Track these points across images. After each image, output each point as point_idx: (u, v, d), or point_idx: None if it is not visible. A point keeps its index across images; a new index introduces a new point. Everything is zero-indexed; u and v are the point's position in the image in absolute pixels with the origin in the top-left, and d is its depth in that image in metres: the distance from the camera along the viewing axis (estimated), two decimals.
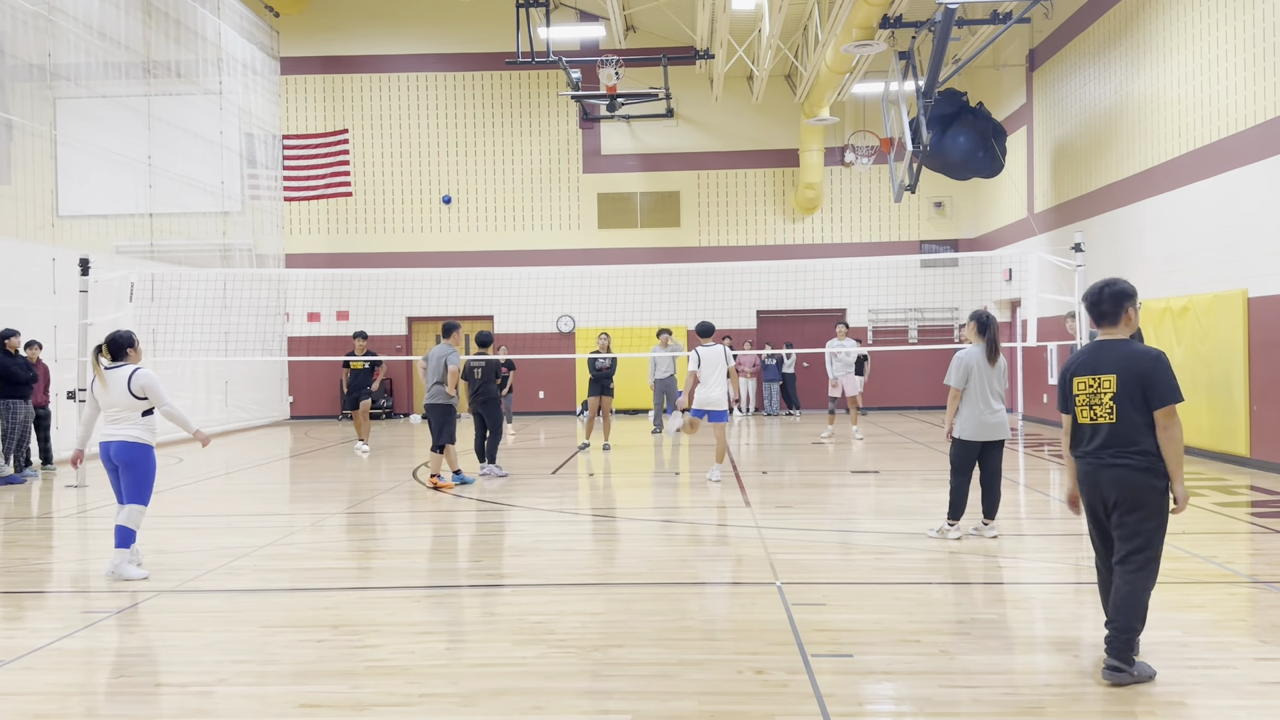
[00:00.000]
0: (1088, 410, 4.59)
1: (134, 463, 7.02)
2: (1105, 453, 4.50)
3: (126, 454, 7.00)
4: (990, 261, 21.21)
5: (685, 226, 22.81)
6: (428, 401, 11.45)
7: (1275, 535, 7.92)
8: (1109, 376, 4.52)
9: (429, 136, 22.96)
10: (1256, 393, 11.59)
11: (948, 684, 4.48)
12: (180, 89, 18.40)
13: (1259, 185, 11.47)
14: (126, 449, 6.99)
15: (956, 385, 7.56)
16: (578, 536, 8.29)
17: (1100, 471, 4.52)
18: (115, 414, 7.00)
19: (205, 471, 13.34)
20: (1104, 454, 4.51)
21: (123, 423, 7.00)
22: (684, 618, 5.61)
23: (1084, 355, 4.69)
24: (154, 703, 4.46)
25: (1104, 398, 4.52)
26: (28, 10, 14.26)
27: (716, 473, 11.17)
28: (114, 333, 7.21)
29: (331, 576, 6.87)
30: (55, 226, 15.23)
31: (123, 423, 7.00)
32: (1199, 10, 12.84)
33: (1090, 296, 4.71)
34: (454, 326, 11.64)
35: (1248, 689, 4.38)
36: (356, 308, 22.27)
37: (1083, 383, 4.61)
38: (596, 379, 15.14)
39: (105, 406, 7.04)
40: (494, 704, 4.34)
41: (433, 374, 11.39)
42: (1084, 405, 4.60)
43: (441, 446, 11.18)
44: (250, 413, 20.52)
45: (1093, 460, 4.56)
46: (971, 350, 7.64)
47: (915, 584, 6.39)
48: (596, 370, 15.11)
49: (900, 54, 16.89)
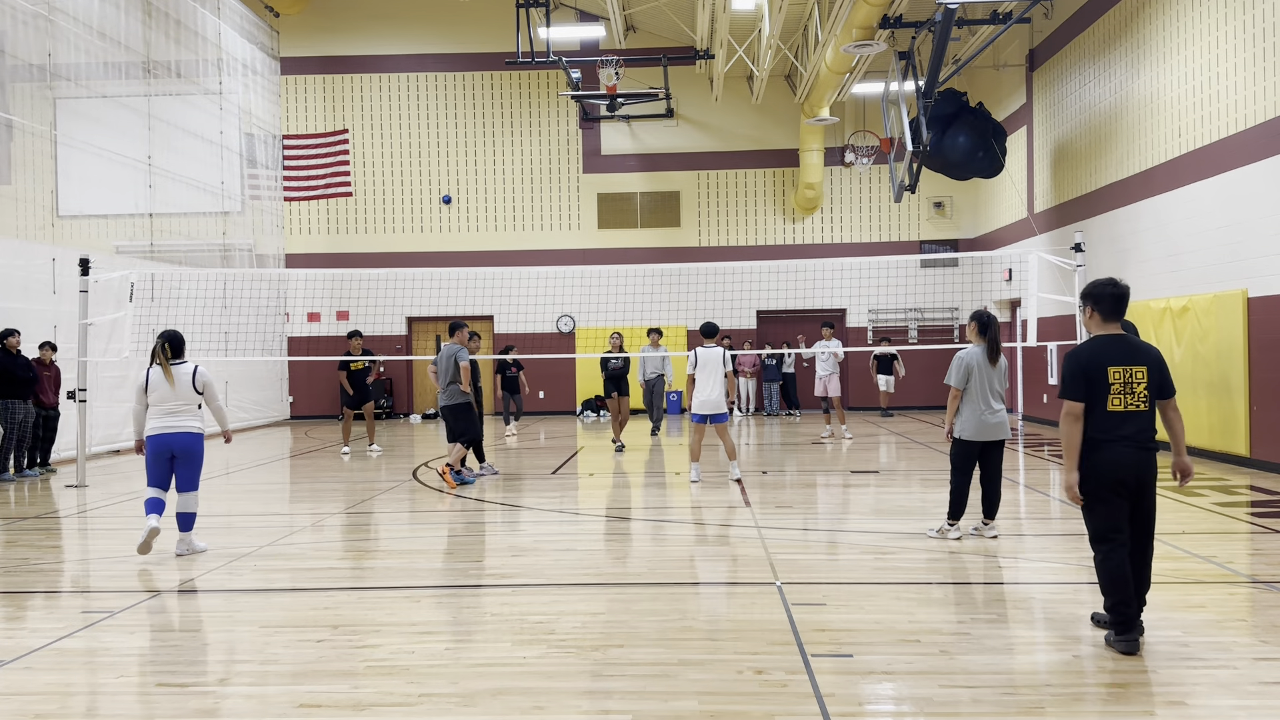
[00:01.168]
0: (1120, 399, 4.92)
1: (196, 453, 7.46)
2: (1142, 437, 4.93)
3: (192, 444, 7.42)
4: (990, 261, 21.22)
5: (685, 226, 22.81)
6: (443, 404, 11.49)
7: (1275, 535, 7.92)
8: (1141, 368, 4.94)
9: (429, 136, 22.96)
10: (1256, 393, 11.59)
11: (948, 684, 4.47)
12: (180, 89, 18.40)
13: (1259, 185, 11.47)
14: (193, 439, 7.42)
15: (957, 385, 7.56)
16: (578, 536, 8.29)
17: (1141, 455, 4.92)
18: (174, 407, 7.37)
19: (205, 471, 13.29)
20: (1142, 438, 4.92)
21: (182, 414, 7.38)
22: (684, 618, 5.61)
23: (1112, 347, 4.99)
24: (154, 703, 4.46)
25: (1138, 388, 4.92)
26: (28, 10, 14.26)
27: (735, 470, 11.15)
28: (173, 331, 7.57)
29: (331, 576, 6.87)
30: (55, 226, 15.24)
31: (182, 414, 7.38)
32: (1199, 10, 12.84)
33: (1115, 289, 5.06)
34: (459, 325, 11.69)
35: (1248, 689, 4.38)
36: (356, 308, 22.27)
37: (1117, 372, 4.94)
38: (611, 378, 14.98)
39: (163, 400, 7.35)
40: (494, 704, 4.33)
41: (444, 375, 11.43)
42: (1117, 394, 4.92)
43: (469, 441, 11.25)
44: (250, 413, 20.52)
45: (1132, 445, 4.90)
46: (972, 350, 7.64)
47: (915, 584, 6.39)
48: (610, 370, 14.96)
49: (900, 54, 16.89)
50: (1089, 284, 5.19)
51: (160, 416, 7.37)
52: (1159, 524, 5.29)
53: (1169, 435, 5.15)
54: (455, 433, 11.37)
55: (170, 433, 7.33)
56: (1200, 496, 9.68)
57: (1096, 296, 5.10)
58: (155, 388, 7.37)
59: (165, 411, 7.37)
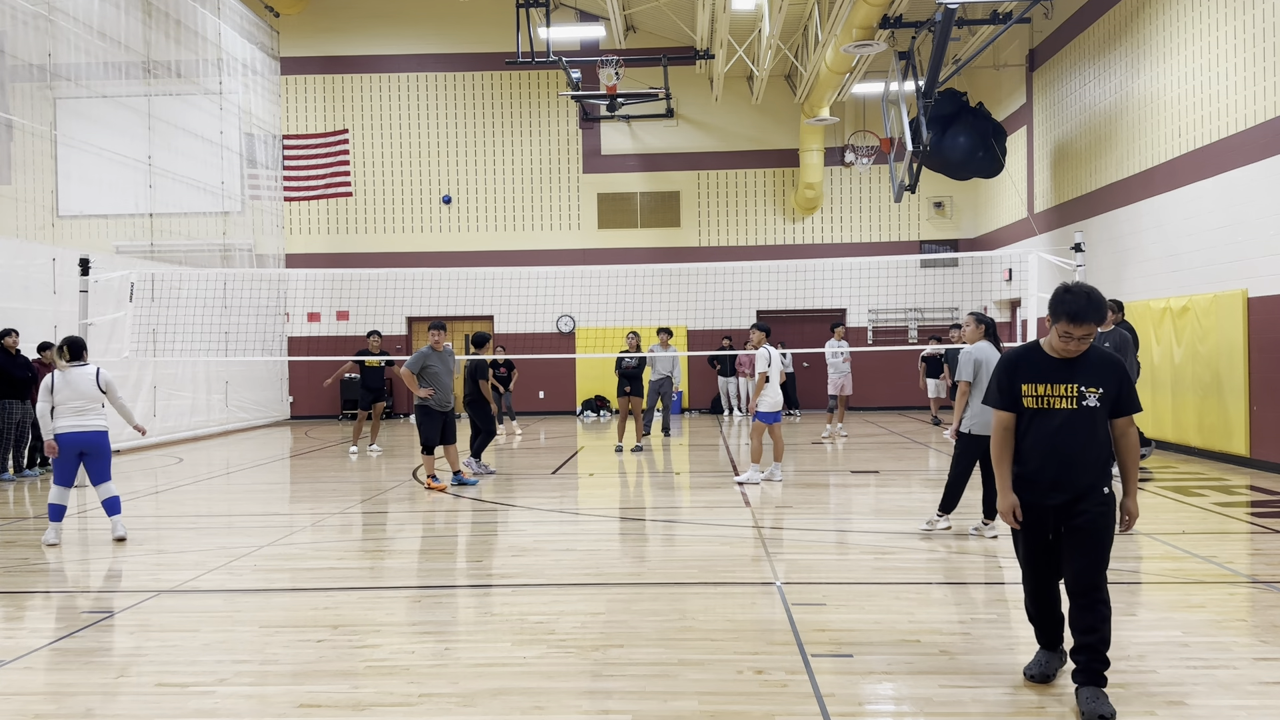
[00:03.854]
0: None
1: (105, 448, 8.06)
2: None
3: (100, 441, 7.99)
4: (990, 261, 21.21)
5: (685, 226, 22.81)
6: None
7: (1275, 535, 7.92)
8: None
9: (429, 136, 22.96)
10: (1256, 393, 11.59)
11: (948, 684, 4.48)
12: (180, 89, 18.40)
13: (1259, 185, 11.47)
14: (100, 436, 8.02)
15: (968, 379, 7.73)
16: (578, 536, 8.29)
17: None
18: (81, 407, 7.93)
19: (205, 471, 13.34)
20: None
21: (89, 414, 7.95)
22: (684, 618, 5.61)
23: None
24: (154, 703, 4.46)
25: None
26: (28, 10, 14.25)
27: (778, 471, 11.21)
28: (74, 336, 8.26)
29: (331, 576, 6.87)
30: (55, 226, 15.23)
31: (89, 414, 7.95)
32: (1199, 10, 12.84)
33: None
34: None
35: (1248, 689, 4.38)
36: (356, 308, 22.28)
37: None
38: (624, 378, 14.75)
39: (68, 401, 7.90)
40: (494, 704, 4.33)
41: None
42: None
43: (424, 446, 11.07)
44: (250, 413, 20.51)
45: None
46: (981, 346, 7.86)
47: (915, 584, 6.39)
48: (623, 370, 14.75)
49: (900, 54, 16.89)
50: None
51: (68, 416, 7.93)
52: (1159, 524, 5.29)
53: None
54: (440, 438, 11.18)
55: (79, 431, 7.91)
56: (1200, 496, 9.68)
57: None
58: (59, 389, 7.93)
59: (73, 411, 7.93)
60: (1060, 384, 4.19)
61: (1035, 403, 4.23)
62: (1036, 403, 4.23)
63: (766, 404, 10.87)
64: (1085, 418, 4.16)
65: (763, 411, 10.90)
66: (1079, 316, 4.08)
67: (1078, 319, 4.08)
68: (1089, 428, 4.16)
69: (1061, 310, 4.12)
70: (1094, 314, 4.09)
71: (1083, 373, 4.18)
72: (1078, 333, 4.10)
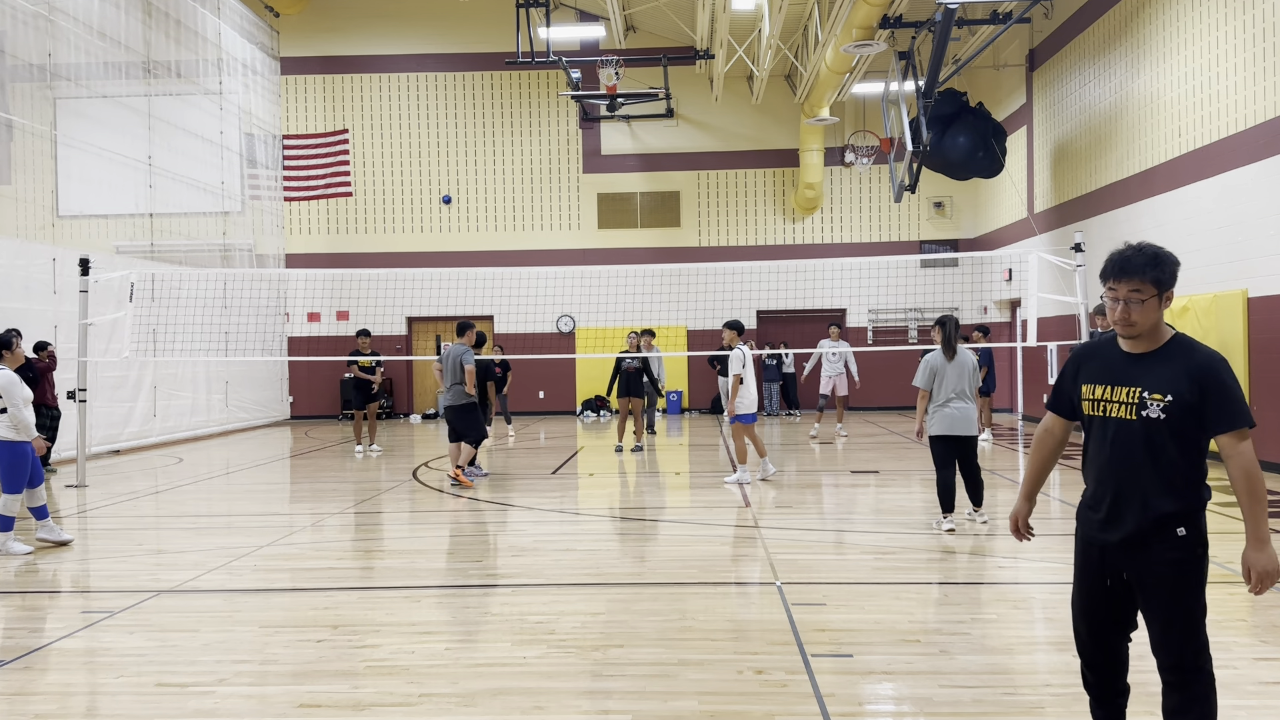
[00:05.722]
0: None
1: (2, 458, 7.61)
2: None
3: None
4: (990, 261, 21.21)
5: (685, 226, 22.81)
6: (446, 403, 11.51)
7: (1275, 535, 7.91)
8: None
9: (429, 136, 22.96)
10: (1256, 393, 11.59)
11: (948, 684, 4.48)
12: (180, 89, 18.40)
13: (1259, 185, 11.47)
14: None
15: (924, 386, 8.05)
16: (577, 536, 8.29)
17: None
18: None
19: (205, 471, 13.34)
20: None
21: None
22: (684, 618, 5.61)
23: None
24: (154, 703, 4.46)
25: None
26: (28, 10, 14.25)
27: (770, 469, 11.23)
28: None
29: (331, 576, 6.87)
30: (55, 226, 15.23)
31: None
32: (1199, 10, 12.84)
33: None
34: (468, 325, 11.71)
35: (1248, 689, 4.39)
36: (356, 308, 22.28)
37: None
38: (624, 378, 14.59)
39: None
40: (494, 704, 4.33)
41: (450, 375, 11.42)
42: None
43: (476, 440, 11.26)
44: (250, 413, 20.51)
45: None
46: (935, 351, 8.14)
47: (915, 584, 6.39)
48: (623, 370, 14.61)
49: (900, 54, 16.89)
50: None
51: None
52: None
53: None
54: (458, 433, 11.37)
55: None
56: None
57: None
58: None
59: None
60: (1121, 386, 3.27)
61: (1093, 408, 3.36)
62: (1094, 408, 3.36)
63: (745, 405, 10.84)
64: (1144, 431, 3.21)
65: (742, 414, 10.86)
66: (1122, 267, 3.21)
67: (1122, 271, 3.21)
68: (1150, 445, 3.20)
69: (1105, 265, 3.26)
70: (1144, 267, 3.19)
71: (1152, 374, 3.22)
72: (1122, 290, 3.20)
